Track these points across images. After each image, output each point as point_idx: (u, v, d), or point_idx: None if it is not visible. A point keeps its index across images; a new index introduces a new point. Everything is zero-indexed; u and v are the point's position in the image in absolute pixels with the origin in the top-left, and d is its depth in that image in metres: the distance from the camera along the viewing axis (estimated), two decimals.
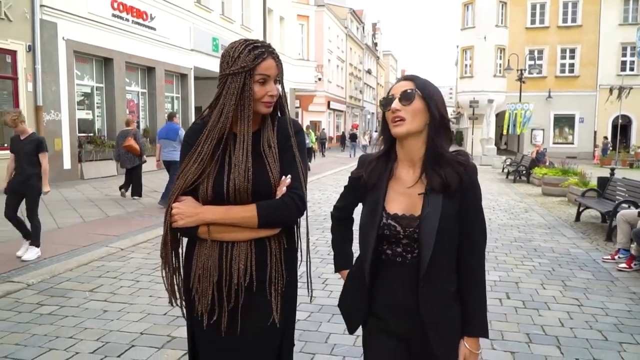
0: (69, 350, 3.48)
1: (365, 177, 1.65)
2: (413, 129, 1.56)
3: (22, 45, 11.42)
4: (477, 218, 1.61)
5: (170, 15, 16.98)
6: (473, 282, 1.61)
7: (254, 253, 1.64)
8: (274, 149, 1.69)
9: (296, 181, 1.66)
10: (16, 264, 5.46)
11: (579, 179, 11.55)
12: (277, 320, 1.66)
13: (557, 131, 33.34)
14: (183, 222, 1.62)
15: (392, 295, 1.61)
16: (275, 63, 1.65)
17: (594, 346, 3.67)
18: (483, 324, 1.61)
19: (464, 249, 1.60)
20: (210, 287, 1.63)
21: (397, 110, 1.55)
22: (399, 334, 1.63)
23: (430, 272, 1.52)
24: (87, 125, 14.15)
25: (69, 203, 9.58)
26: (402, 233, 1.57)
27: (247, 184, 1.62)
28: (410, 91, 1.56)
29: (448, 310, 1.58)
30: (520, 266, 5.87)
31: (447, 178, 1.53)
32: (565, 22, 32.44)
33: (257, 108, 1.65)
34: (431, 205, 1.53)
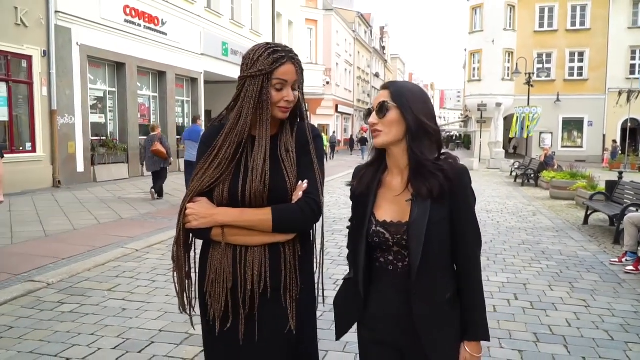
0: (92, 347, 3.63)
1: (355, 184, 1.66)
2: (390, 139, 1.57)
3: (37, 50, 11.67)
4: (468, 221, 1.58)
5: (181, 20, 17.21)
6: (470, 286, 1.59)
7: (267, 258, 1.62)
8: (291, 153, 1.68)
9: (313, 187, 1.64)
10: (36, 264, 5.63)
11: (587, 183, 11.58)
12: (293, 328, 1.64)
13: (566, 135, 33.26)
14: (197, 223, 1.61)
15: (385, 304, 1.60)
16: (294, 69, 1.64)
17: (600, 345, 3.76)
18: (483, 327, 1.59)
19: (458, 253, 1.58)
20: (224, 292, 1.62)
21: (374, 124, 1.57)
22: (392, 345, 1.61)
23: (422, 278, 1.51)
24: (99, 129, 14.38)
25: (83, 205, 9.76)
26: (392, 240, 1.56)
27: (264, 188, 1.60)
28: (384, 103, 1.55)
29: (443, 316, 1.56)
30: (528, 268, 5.96)
31: (430, 185, 1.52)
32: (573, 25, 32.40)
33: (274, 112, 1.64)
34: (418, 211, 1.52)
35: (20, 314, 4.26)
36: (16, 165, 11.22)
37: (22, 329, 3.93)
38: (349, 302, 1.69)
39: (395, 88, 1.57)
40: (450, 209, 1.54)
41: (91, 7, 13.13)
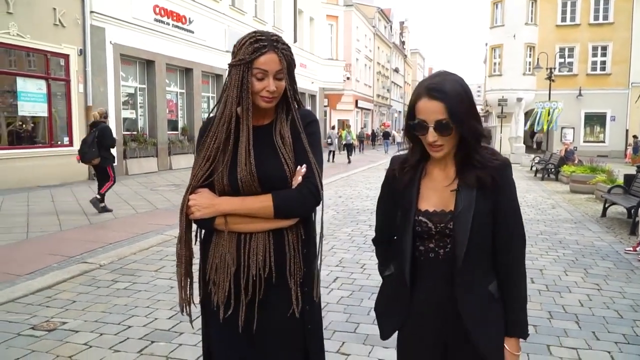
0: (149, 317, 4.08)
1: (398, 175, 1.65)
2: (450, 149, 1.57)
3: (74, 49, 12.26)
4: (514, 215, 1.59)
5: (207, 18, 17.71)
6: (510, 283, 1.59)
7: (272, 244, 1.63)
8: (287, 139, 1.67)
9: (311, 171, 1.65)
10: (86, 248, 6.13)
11: (606, 177, 11.75)
12: (297, 312, 1.65)
13: (588, 129, 33.03)
14: (200, 213, 1.63)
15: (429, 293, 1.60)
16: (277, 58, 1.62)
17: (609, 322, 4.08)
18: (521, 325, 1.59)
19: (500, 248, 1.58)
20: (228, 278, 1.63)
21: (435, 141, 1.53)
22: (437, 332, 1.61)
23: (465, 269, 1.52)
24: (131, 124, 14.98)
25: (119, 196, 10.32)
26: (434, 229, 1.56)
27: (251, 177, 1.62)
28: (445, 123, 1.51)
29: (488, 306, 1.57)
30: (545, 256, 6.27)
31: (478, 176, 1.53)
32: (596, 19, 32.08)
33: (256, 102, 1.64)
34: (464, 202, 1.52)
35: (80, 290, 4.74)
36: (55, 159, 11.87)
37: (84, 303, 4.41)
38: (393, 299, 1.69)
39: (449, 100, 1.50)
40: (495, 201, 1.55)
41: (123, 7, 13.69)
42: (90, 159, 8.30)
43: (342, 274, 5.32)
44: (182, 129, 17.30)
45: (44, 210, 8.54)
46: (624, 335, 3.83)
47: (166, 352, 3.45)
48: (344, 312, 4.22)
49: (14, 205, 8.88)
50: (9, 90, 11.30)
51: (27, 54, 11.50)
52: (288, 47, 1.68)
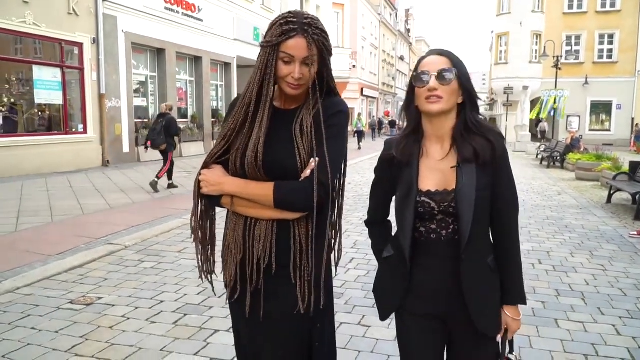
0: (179, 292, 4.34)
1: (397, 156, 1.62)
2: (448, 107, 1.55)
3: (87, 38, 12.45)
4: (510, 185, 1.61)
5: (216, 6, 17.83)
6: (509, 253, 1.62)
7: (274, 234, 1.59)
8: (306, 128, 1.59)
9: (322, 166, 1.55)
10: (110, 230, 6.38)
11: (612, 164, 11.93)
12: (302, 309, 1.59)
13: (594, 118, 33.05)
14: (206, 189, 1.63)
15: (430, 274, 1.60)
16: (305, 43, 1.52)
17: (614, 299, 4.32)
18: (521, 292, 1.64)
19: (500, 219, 1.60)
20: (234, 262, 1.63)
21: (435, 90, 1.53)
22: (436, 315, 1.63)
23: (469, 245, 1.52)
24: (142, 112, 15.20)
25: (135, 182, 10.57)
26: (437, 209, 1.55)
27: (255, 162, 1.57)
28: (449, 71, 1.53)
29: (487, 281, 1.60)
30: (551, 239, 6.49)
31: (478, 147, 1.54)
32: (604, 6, 31.94)
33: (282, 87, 1.60)
34: (466, 178, 1.52)
35: (110, 269, 5.00)
36: (70, 146, 12.13)
37: (116, 280, 4.67)
38: (392, 279, 1.68)
39: (453, 57, 1.58)
40: (494, 174, 1.56)
41: None
42: (159, 145, 9.69)
43: (357, 255, 5.56)
44: (191, 116, 17.51)
45: (64, 195, 8.80)
46: (627, 310, 4.06)
47: (199, 323, 3.70)
48: (362, 289, 4.47)
49: (34, 190, 9.15)
50: (25, 79, 11.51)
51: (42, 42, 11.69)
52: (322, 31, 1.56)
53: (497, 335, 1.64)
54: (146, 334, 3.51)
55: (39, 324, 3.66)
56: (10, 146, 10.67)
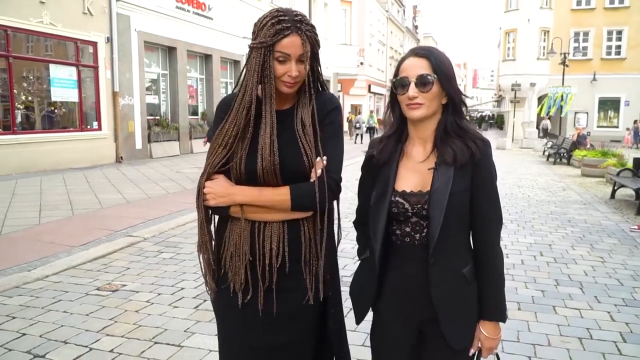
0: (197, 281, 4.60)
1: (376, 154, 1.61)
2: (429, 112, 1.53)
3: (101, 37, 12.75)
4: (490, 196, 1.55)
5: (225, 5, 18.09)
6: (487, 264, 1.56)
7: (286, 233, 1.59)
8: (308, 128, 1.61)
9: (332, 163, 1.59)
10: (128, 224, 6.66)
11: (617, 160, 12.08)
12: (311, 300, 1.62)
13: (602, 114, 33.04)
14: (215, 202, 1.58)
15: (403, 278, 1.56)
16: (300, 41, 1.53)
17: (610, 288, 4.54)
18: (500, 309, 1.56)
19: (477, 229, 1.56)
20: (243, 265, 1.60)
21: (414, 97, 1.50)
22: (410, 319, 1.59)
23: (440, 250, 1.48)
24: (154, 109, 15.51)
25: (148, 178, 10.87)
26: (411, 210, 1.52)
27: (273, 166, 1.56)
28: (427, 77, 1.49)
29: (460, 291, 1.53)
30: (554, 233, 6.70)
31: (458, 150, 1.50)
32: (612, 3, 31.93)
33: (278, 86, 1.58)
34: (440, 180, 1.49)
35: (131, 259, 5.28)
36: (85, 142, 12.47)
37: (137, 269, 4.95)
38: (365, 282, 1.65)
39: (435, 58, 1.51)
40: (473, 179, 1.52)
41: None
42: None
43: None
44: (202, 113, 17.80)
45: (82, 190, 9.11)
46: (623, 299, 4.28)
47: None
48: None
49: (53, 185, 9.46)
50: (43, 77, 11.84)
51: (58, 42, 12.00)
52: (312, 27, 1.59)
53: (468, 349, 1.58)
54: (170, 317, 3.79)
55: (70, 308, 3.94)
56: (29, 142, 11.02)
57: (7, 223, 6.51)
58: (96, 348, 3.27)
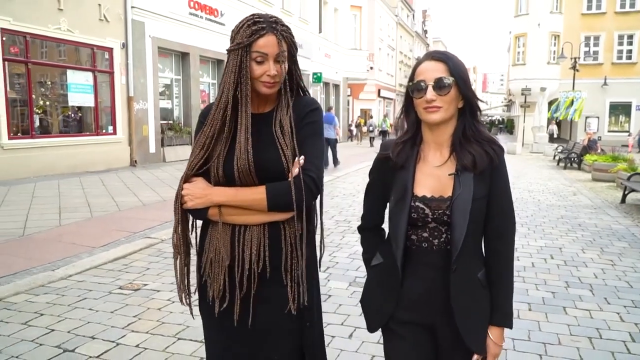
0: None
1: (393, 157, 1.58)
2: (447, 115, 1.52)
3: (117, 43, 13.01)
4: (506, 203, 1.56)
5: (237, 10, 18.30)
6: (500, 269, 1.56)
7: (266, 238, 1.58)
8: (287, 129, 1.61)
9: (310, 163, 1.59)
10: (146, 225, 6.83)
11: (627, 165, 12.10)
12: (293, 309, 1.60)
13: (613, 119, 32.89)
14: (192, 203, 1.59)
15: (420, 284, 1.54)
16: (276, 40, 1.55)
17: (620, 290, 4.62)
18: (507, 314, 1.56)
19: (491, 234, 1.55)
20: (222, 272, 1.58)
21: (432, 100, 1.49)
22: (425, 326, 1.57)
23: (461, 256, 1.47)
24: (167, 114, 15.75)
25: (163, 181, 11.07)
26: (431, 216, 1.51)
27: (248, 166, 1.56)
28: (445, 80, 1.49)
29: (476, 296, 1.53)
30: (564, 236, 6.78)
31: (477, 156, 1.49)
32: (623, 7, 31.81)
33: (257, 88, 1.58)
34: (463, 186, 1.47)
35: (151, 260, 5.44)
36: (101, 146, 12.70)
37: (157, 269, 5.10)
38: (381, 288, 1.62)
39: (452, 62, 1.51)
40: (491, 185, 1.52)
41: (161, 1, 14.39)
42: None
43: None
44: None
45: (99, 192, 9.31)
46: (632, 300, 4.37)
47: None
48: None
49: (70, 188, 9.68)
50: (60, 82, 12.10)
51: (75, 47, 12.26)
52: (288, 28, 1.62)
53: (483, 354, 1.56)
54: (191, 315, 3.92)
55: (95, 305, 4.10)
56: (46, 146, 11.26)
57: (29, 225, 6.70)
58: (123, 343, 3.42)
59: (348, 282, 4.72)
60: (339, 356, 3.26)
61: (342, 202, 9.28)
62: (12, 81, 10.82)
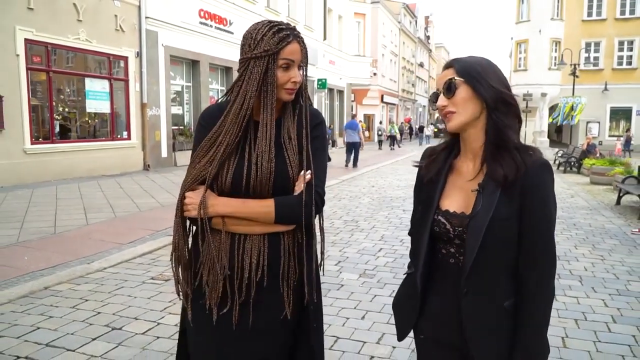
0: None
1: (423, 167, 1.55)
2: (466, 119, 1.40)
3: (132, 51, 13.56)
4: (539, 227, 1.36)
5: (245, 19, 18.84)
6: (527, 302, 1.38)
7: (267, 247, 1.58)
8: (293, 140, 1.61)
9: (318, 178, 1.59)
10: (169, 224, 7.28)
11: (624, 169, 12.53)
12: (289, 315, 1.61)
13: (614, 124, 33.32)
14: (196, 212, 1.54)
15: (443, 299, 1.48)
16: (299, 47, 1.57)
17: (607, 281, 5.07)
18: (525, 350, 1.37)
19: (522, 262, 1.38)
20: (221, 280, 1.56)
21: (444, 107, 1.42)
22: (451, 344, 1.49)
23: (476, 278, 1.38)
24: (178, 120, 16.29)
25: (177, 185, 11.49)
26: (452, 232, 1.43)
27: (270, 176, 1.55)
28: (451, 81, 1.41)
29: (498, 323, 1.39)
30: (559, 235, 7.21)
31: (505, 165, 1.35)
32: (623, 14, 32.30)
33: (280, 95, 1.57)
34: (484, 204, 1.36)
35: None
36: (116, 151, 13.23)
37: None
38: (408, 299, 1.57)
39: (460, 64, 1.43)
40: (522, 206, 1.35)
41: (173, 12, 14.96)
42: None
43: (385, 246, 6.39)
44: None
45: (118, 195, 9.81)
46: (617, 289, 4.82)
47: None
48: (390, 271, 5.29)
49: (91, 191, 10.18)
50: (79, 90, 12.66)
51: (93, 56, 12.81)
52: (302, 36, 1.65)
53: None
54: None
55: (132, 293, 4.57)
56: (66, 151, 11.80)
57: (58, 224, 7.19)
58: (163, 323, 3.89)
59: (358, 274, 5.18)
60: (353, 334, 3.72)
61: (349, 204, 9.75)
62: (34, 89, 11.37)
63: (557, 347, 3.54)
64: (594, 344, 3.61)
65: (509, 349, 1.39)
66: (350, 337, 3.66)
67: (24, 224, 7.05)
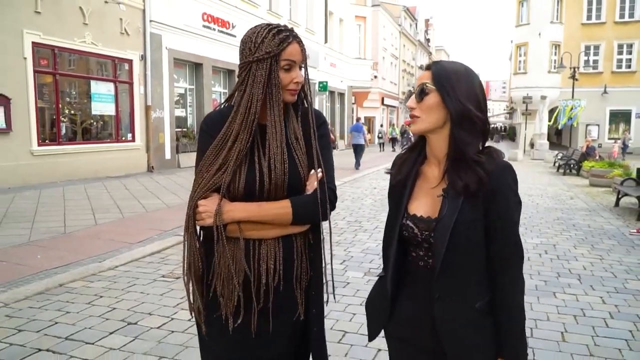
0: None
1: (393, 172, 1.56)
2: (427, 127, 1.43)
3: (136, 54, 13.72)
4: (505, 230, 1.39)
5: (248, 22, 19.01)
6: (502, 303, 1.40)
7: (281, 251, 1.57)
8: (300, 140, 1.62)
9: (328, 175, 1.61)
10: (174, 225, 7.44)
11: (622, 171, 12.69)
12: (302, 316, 1.63)
13: (613, 126, 33.50)
14: (211, 220, 1.51)
15: (414, 303, 1.50)
16: (299, 48, 1.57)
17: (605, 279, 5.22)
18: (513, 351, 1.40)
19: (493, 264, 1.41)
20: (237, 289, 1.53)
21: (412, 108, 1.44)
22: (422, 346, 1.50)
23: (446, 280, 1.40)
24: (181, 122, 16.44)
25: (182, 186, 11.69)
26: (420, 236, 1.45)
27: (284, 177, 1.55)
28: (424, 85, 1.41)
29: (474, 326, 1.41)
30: (558, 235, 7.38)
31: (467, 180, 1.36)
32: (622, 17, 32.52)
33: (283, 96, 1.57)
34: (448, 209, 1.38)
35: None
36: (121, 153, 13.38)
37: None
38: (379, 301, 1.58)
39: (437, 68, 1.42)
40: (487, 210, 1.38)
41: (177, 15, 15.12)
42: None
43: None
44: None
45: (124, 196, 9.95)
46: (615, 287, 4.96)
47: None
48: None
49: (97, 192, 10.32)
50: (84, 92, 12.81)
51: (98, 60, 12.96)
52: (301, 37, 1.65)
53: None
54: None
55: (145, 290, 4.71)
56: (72, 153, 11.95)
57: (68, 224, 7.33)
58: (177, 318, 4.03)
59: (363, 272, 5.32)
60: (360, 328, 3.87)
61: (352, 205, 9.90)
62: (41, 91, 11.51)
63: (557, 341, 3.68)
64: (592, 338, 3.76)
65: (489, 348, 1.41)
66: (358, 332, 3.80)
67: (34, 224, 7.20)
